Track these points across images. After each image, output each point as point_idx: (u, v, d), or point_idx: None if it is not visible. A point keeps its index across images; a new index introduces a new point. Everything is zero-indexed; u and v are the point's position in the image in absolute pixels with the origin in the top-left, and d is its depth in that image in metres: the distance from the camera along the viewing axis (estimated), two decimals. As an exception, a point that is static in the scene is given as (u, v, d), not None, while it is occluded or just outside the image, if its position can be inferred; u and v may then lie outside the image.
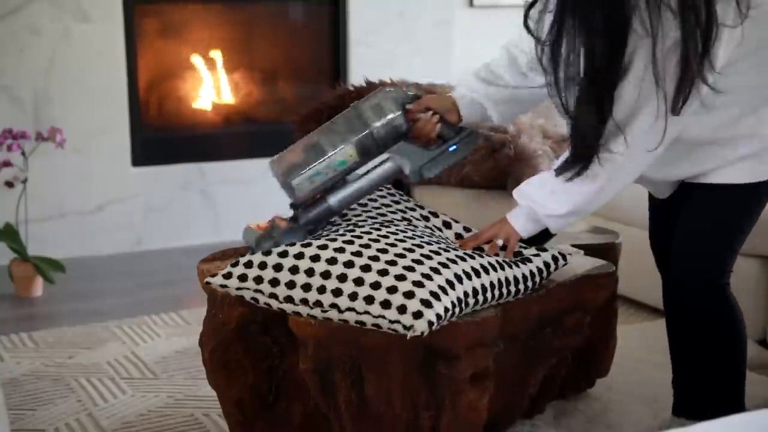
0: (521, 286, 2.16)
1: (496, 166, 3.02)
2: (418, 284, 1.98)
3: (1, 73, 4.01)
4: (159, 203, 4.34)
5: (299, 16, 4.77)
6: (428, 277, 2.00)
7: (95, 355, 3.10)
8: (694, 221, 2.25)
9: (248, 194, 4.47)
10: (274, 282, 2.08)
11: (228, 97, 4.60)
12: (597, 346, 2.58)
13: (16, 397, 2.78)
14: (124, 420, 2.64)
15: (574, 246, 2.55)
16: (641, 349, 3.00)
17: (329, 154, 2.18)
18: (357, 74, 4.62)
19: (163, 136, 4.48)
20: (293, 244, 2.13)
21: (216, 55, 4.55)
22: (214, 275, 2.17)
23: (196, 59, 4.51)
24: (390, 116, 2.22)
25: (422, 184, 2.60)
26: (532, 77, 2.26)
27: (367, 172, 2.27)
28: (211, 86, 4.55)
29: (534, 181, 2.19)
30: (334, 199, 2.25)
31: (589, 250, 2.53)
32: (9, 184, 3.78)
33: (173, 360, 3.06)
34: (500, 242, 2.21)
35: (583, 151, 2.06)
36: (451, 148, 2.30)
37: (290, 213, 2.29)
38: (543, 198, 2.15)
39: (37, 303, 3.66)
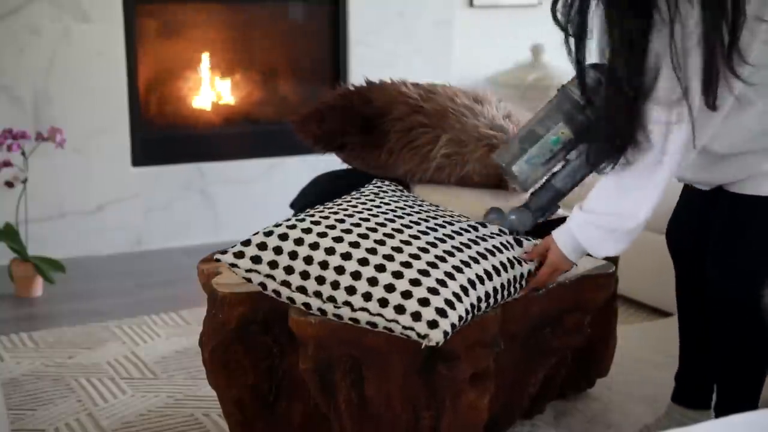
0: (524, 282, 2.17)
1: (497, 165, 3.02)
2: (433, 291, 1.96)
3: (1, 73, 4.01)
4: (159, 203, 4.34)
5: (299, 16, 4.77)
6: (443, 283, 1.98)
7: (95, 355, 3.10)
8: (733, 231, 2.18)
9: (248, 194, 4.47)
10: (289, 270, 2.07)
11: (228, 97, 4.60)
12: (597, 346, 2.58)
13: (16, 397, 2.78)
14: (124, 420, 2.64)
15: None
16: (641, 349, 3.00)
17: (542, 136, 2.17)
18: (357, 74, 4.62)
19: (163, 136, 4.48)
20: (349, 232, 2.11)
21: (216, 55, 4.55)
22: (224, 252, 2.16)
23: (196, 59, 4.51)
24: (593, 86, 2.12)
25: (420, 181, 2.61)
26: None
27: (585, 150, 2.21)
28: (211, 86, 4.55)
29: (581, 224, 2.11)
30: (559, 181, 2.26)
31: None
32: (9, 184, 3.78)
33: (173, 360, 3.06)
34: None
35: (620, 139, 1.99)
36: None
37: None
38: (594, 242, 2.10)
39: (37, 303, 3.66)
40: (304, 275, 2.05)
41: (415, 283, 1.98)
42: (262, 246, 2.11)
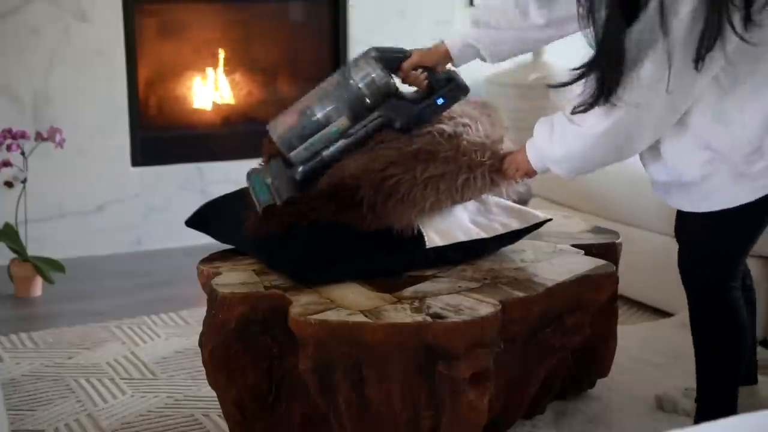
0: None
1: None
2: None
3: (0, 73, 4.01)
4: (159, 203, 4.34)
5: (299, 15, 4.77)
6: None
7: (95, 355, 3.10)
8: (699, 233, 2.25)
9: (248, 194, 4.47)
10: None
11: (228, 97, 4.60)
12: (597, 346, 2.58)
13: (16, 398, 2.78)
14: (123, 420, 2.64)
15: (574, 246, 2.55)
16: (641, 349, 2.99)
17: (324, 125, 2.32)
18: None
19: (163, 136, 4.48)
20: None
21: (216, 54, 4.54)
22: None
23: (196, 59, 4.50)
24: (373, 77, 2.30)
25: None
26: (533, 17, 2.29)
27: (359, 130, 2.35)
28: (211, 86, 4.55)
29: (542, 120, 2.22)
30: (327, 153, 2.35)
31: (589, 250, 2.53)
32: (8, 184, 3.77)
33: (173, 360, 3.05)
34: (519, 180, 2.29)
35: (609, 75, 2.03)
36: (438, 101, 2.35)
37: None
38: (543, 139, 2.20)
39: (37, 303, 3.65)
40: None
41: None
42: None
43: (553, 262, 2.42)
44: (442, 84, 2.37)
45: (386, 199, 2.24)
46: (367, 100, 2.32)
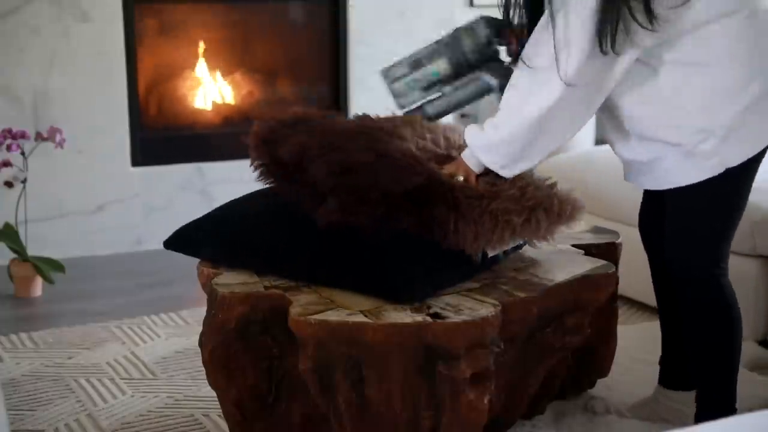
0: None
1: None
2: None
3: (1, 73, 4.01)
4: (159, 203, 4.34)
5: (299, 16, 4.77)
6: None
7: (95, 355, 3.10)
8: (675, 216, 2.29)
9: (248, 194, 4.47)
10: None
11: (228, 97, 4.60)
12: (597, 346, 2.58)
13: (16, 398, 2.78)
14: (123, 420, 2.64)
15: (574, 246, 2.55)
16: (641, 349, 2.99)
17: (425, 66, 2.44)
18: (357, 74, 4.62)
19: (163, 136, 4.48)
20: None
21: (216, 55, 4.54)
22: None
23: (196, 59, 4.50)
24: (482, 43, 2.42)
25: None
26: None
27: (461, 86, 2.44)
28: (211, 86, 4.55)
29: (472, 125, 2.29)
30: (431, 108, 2.47)
31: (589, 250, 2.53)
32: (8, 184, 3.77)
33: (173, 360, 3.05)
34: (461, 178, 2.27)
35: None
36: None
37: None
38: (474, 135, 2.25)
39: (37, 303, 3.66)
40: None
41: None
42: None
43: (553, 262, 2.42)
44: None
45: (458, 219, 2.20)
46: (470, 58, 2.42)
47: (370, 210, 2.20)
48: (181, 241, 2.46)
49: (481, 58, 2.42)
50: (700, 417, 2.36)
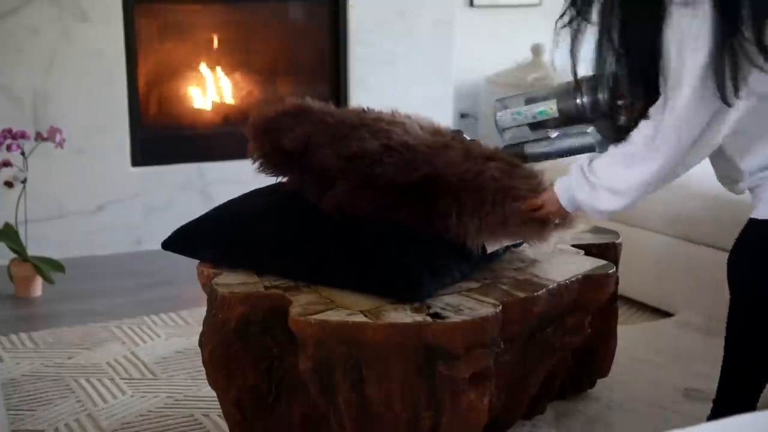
0: None
1: None
2: None
3: (0, 73, 4.01)
4: (159, 203, 4.34)
5: (299, 16, 4.77)
6: None
7: (95, 355, 3.10)
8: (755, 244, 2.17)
9: (248, 194, 4.47)
10: None
11: (228, 97, 4.60)
12: (597, 346, 2.58)
13: (16, 398, 2.78)
14: (123, 420, 2.64)
15: (574, 246, 2.55)
16: (641, 349, 2.99)
17: (535, 102, 2.41)
18: (357, 74, 4.62)
19: (163, 135, 4.48)
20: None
21: (216, 55, 4.55)
22: None
23: (196, 59, 4.50)
24: (601, 100, 2.33)
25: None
26: None
27: (567, 136, 2.39)
28: (211, 86, 4.55)
29: (576, 177, 2.19)
30: (530, 149, 2.43)
31: (589, 250, 2.53)
32: (8, 184, 3.77)
33: (173, 360, 3.05)
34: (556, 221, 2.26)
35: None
36: None
37: None
38: (586, 195, 2.16)
39: (37, 303, 3.66)
40: None
41: None
42: None
43: (553, 262, 2.42)
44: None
45: (461, 211, 2.21)
46: (582, 111, 2.33)
47: (377, 196, 2.22)
48: (180, 241, 2.46)
49: (593, 113, 2.33)
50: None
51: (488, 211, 2.21)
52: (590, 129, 2.34)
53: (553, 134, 2.39)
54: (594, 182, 2.13)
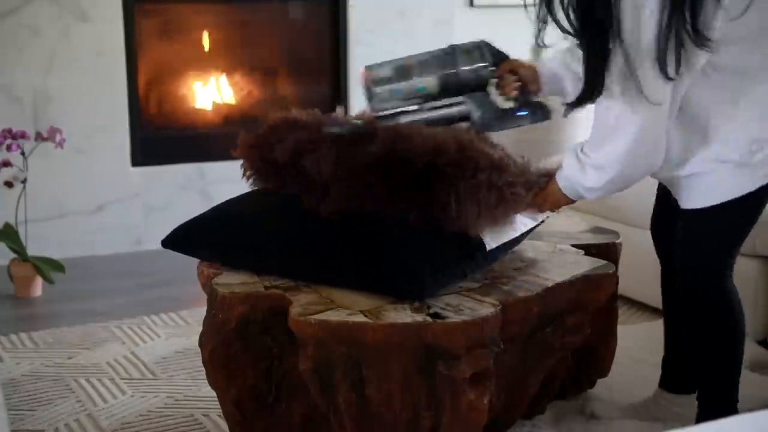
0: None
1: None
2: None
3: (1, 73, 4.01)
4: (159, 203, 4.34)
5: (299, 15, 4.77)
6: None
7: (95, 355, 3.10)
8: (695, 226, 2.27)
9: (248, 194, 4.47)
10: None
11: (228, 97, 4.60)
12: (597, 346, 2.58)
13: (16, 398, 2.78)
14: (123, 420, 2.64)
15: (574, 246, 2.55)
16: (641, 349, 2.99)
17: (413, 78, 2.40)
18: (357, 74, 4.62)
19: (163, 135, 4.48)
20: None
21: (216, 55, 4.55)
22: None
23: (196, 59, 4.50)
24: (479, 65, 2.38)
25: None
26: None
27: (441, 107, 2.41)
28: (211, 86, 4.55)
29: (568, 163, 2.23)
30: (404, 120, 2.41)
31: (589, 250, 2.53)
32: (8, 184, 3.77)
33: (173, 360, 3.05)
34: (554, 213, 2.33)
35: (591, 86, 2.09)
36: (520, 113, 2.41)
37: None
38: (577, 175, 2.21)
39: (37, 303, 3.66)
40: None
41: None
42: None
43: (553, 262, 2.42)
44: (527, 101, 2.43)
45: (459, 199, 2.21)
46: (462, 81, 2.39)
47: (373, 193, 2.23)
48: (180, 240, 2.46)
49: (470, 84, 2.39)
50: (702, 418, 2.37)
51: (485, 195, 2.21)
52: (464, 98, 2.39)
53: (427, 105, 2.42)
54: (584, 161, 2.18)
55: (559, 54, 2.40)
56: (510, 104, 2.42)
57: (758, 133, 2.12)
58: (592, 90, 2.09)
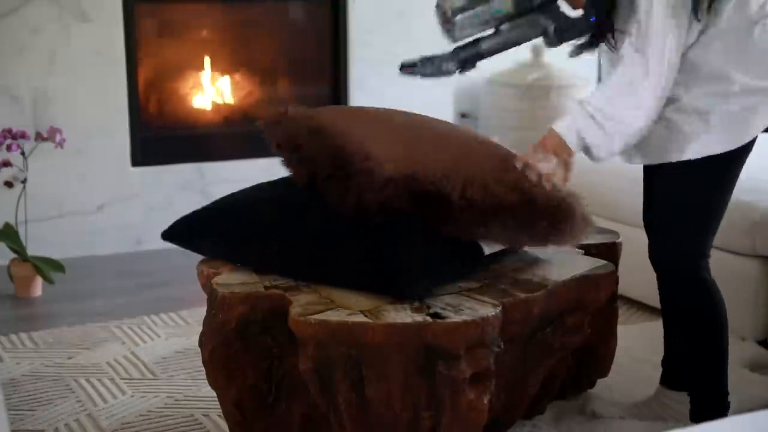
0: None
1: None
2: None
3: (0, 73, 4.01)
4: (159, 203, 4.34)
5: (299, 16, 4.77)
6: None
7: (95, 355, 3.10)
8: (662, 201, 2.34)
9: (248, 194, 4.47)
10: None
11: (228, 97, 4.60)
12: (597, 346, 2.58)
13: (16, 398, 2.78)
14: (123, 420, 2.64)
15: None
16: (641, 349, 2.99)
17: (488, 2, 2.40)
18: (357, 74, 4.62)
19: (163, 136, 4.48)
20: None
21: (216, 55, 4.54)
22: None
23: (196, 59, 4.50)
24: None
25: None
26: None
27: (517, 26, 2.42)
28: (211, 86, 4.55)
29: (576, 110, 2.25)
30: (485, 45, 2.45)
31: (589, 250, 2.53)
32: (8, 184, 3.77)
33: (173, 360, 3.05)
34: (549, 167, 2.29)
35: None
36: (592, 18, 2.38)
37: None
38: (595, 135, 2.23)
39: (37, 303, 3.65)
40: None
41: None
42: None
43: (553, 262, 2.42)
44: (595, 4, 2.40)
45: (462, 206, 2.21)
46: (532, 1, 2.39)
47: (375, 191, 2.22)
48: (181, 233, 2.47)
49: (544, 3, 2.39)
50: (695, 415, 2.38)
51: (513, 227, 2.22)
52: (541, 17, 2.40)
53: (505, 26, 2.43)
54: (606, 126, 2.20)
55: None
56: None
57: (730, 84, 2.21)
58: (602, 33, 2.18)
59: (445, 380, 2.05)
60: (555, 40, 2.40)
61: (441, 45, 2.52)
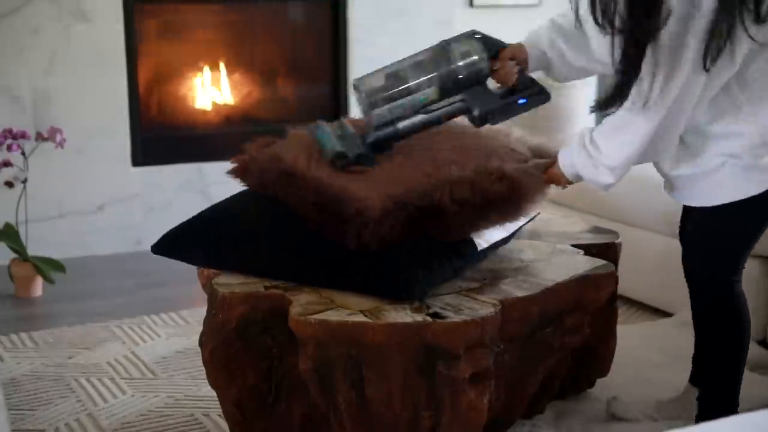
0: None
1: None
2: None
3: (1, 73, 4.01)
4: (159, 203, 4.34)
5: (299, 16, 4.77)
6: None
7: (95, 355, 3.10)
8: (700, 222, 2.30)
9: (248, 194, 4.47)
10: None
11: (228, 97, 4.60)
12: (597, 346, 2.58)
13: (16, 397, 2.78)
14: (124, 420, 2.64)
15: (573, 246, 2.55)
16: (641, 349, 2.99)
17: (413, 91, 2.32)
18: (357, 73, 4.62)
19: (163, 136, 4.48)
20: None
21: (216, 55, 4.55)
22: None
23: (196, 59, 4.50)
24: (475, 59, 2.30)
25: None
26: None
27: (440, 108, 2.34)
28: (211, 86, 4.55)
29: (575, 151, 2.24)
30: (402, 126, 2.33)
31: (589, 250, 2.53)
32: (9, 184, 3.77)
33: (173, 360, 3.05)
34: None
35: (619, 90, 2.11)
36: (520, 101, 2.35)
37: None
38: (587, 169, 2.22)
39: (37, 303, 3.66)
40: None
41: None
42: None
43: (553, 262, 2.42)
44: (527, 85, 2.37)
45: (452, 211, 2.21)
46: (460, 79, 2.31)
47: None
48: (170, 245, 2.41)
49: (469, 79, 2.31)
50: (702, 418, 2.37)
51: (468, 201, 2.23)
52: (462, 95, 2.32)
53: (427, 109, 2.35)
54: (596, 158, 2.18)
55: (543, 30, 2.39)
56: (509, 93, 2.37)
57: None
58: (621, 97, 2.11)
59: (445, 380, 2.05)
60: (478, 121, 2.32)
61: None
